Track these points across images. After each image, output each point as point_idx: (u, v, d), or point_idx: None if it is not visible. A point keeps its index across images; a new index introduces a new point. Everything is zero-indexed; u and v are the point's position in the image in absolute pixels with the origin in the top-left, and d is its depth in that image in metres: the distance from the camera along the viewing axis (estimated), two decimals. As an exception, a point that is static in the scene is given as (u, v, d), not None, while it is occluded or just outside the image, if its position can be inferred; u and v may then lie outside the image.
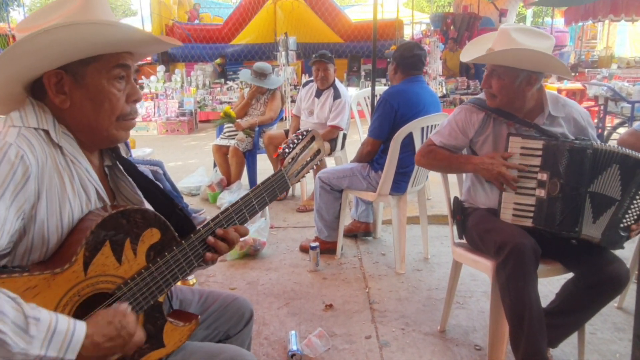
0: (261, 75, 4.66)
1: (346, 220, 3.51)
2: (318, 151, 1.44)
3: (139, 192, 1.26)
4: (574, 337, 2.08)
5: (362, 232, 3.64)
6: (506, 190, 2.00)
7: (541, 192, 1.93)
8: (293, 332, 2.32)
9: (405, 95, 3.06)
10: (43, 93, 1.08)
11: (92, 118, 1.10)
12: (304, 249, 3.40)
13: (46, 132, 1.06)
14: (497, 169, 1.97)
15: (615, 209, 1.86)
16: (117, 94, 1.11)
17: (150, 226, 1.11)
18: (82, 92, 1.08)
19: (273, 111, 4.77)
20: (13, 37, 12.25)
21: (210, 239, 1.20)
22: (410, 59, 3.12)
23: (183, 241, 1.17)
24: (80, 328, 0.92)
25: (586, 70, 10.48)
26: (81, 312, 1.02)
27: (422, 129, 2.95)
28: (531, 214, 1.95)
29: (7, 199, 0.93)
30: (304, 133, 1.42)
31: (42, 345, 0.86)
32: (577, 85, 8.70)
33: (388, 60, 3.36)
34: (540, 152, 1.94)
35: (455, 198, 2.29)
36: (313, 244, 3.13)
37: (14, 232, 0.96)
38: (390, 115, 3.02)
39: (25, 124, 1.03)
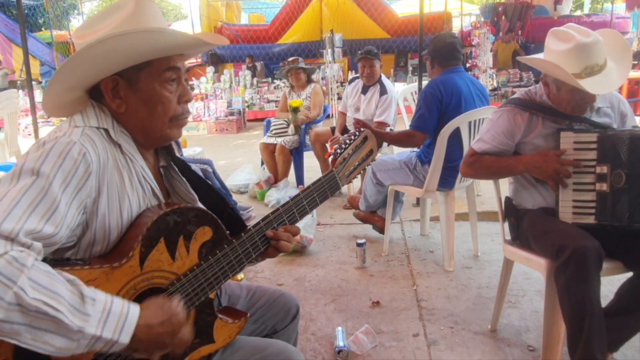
0: (292, 62, 4.82)
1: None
2: (371, 151, 1.43)
3: (193, 192, 1.31)
4: (636, 340, 1.98)
5: (377, 227, 3.48)
6: (559, 191, 1.91)
7: (602, 186, 1.84)
8: (340, 328, 2.33)
9: (445, 85, 2.98)
10: (102, 96, 1.14)
11: (147, 120, 1.16)
12: (353, 204, 3.80)
13: (106, 130, 1.12)
14: (552, 167, 1.88)
15: None
16: (169, 97, 1.16)
17: (203, 224, 1.15)
18: (136, 96, 1.14)
19: (318, 107, 4.81)
20: (73, 44, 12.95)
21: (270, 232, 1.24)
22: (443, 49, 3.05)
23: (234, 240, 1.20)
24: (134, 310, 0.96)
25: (650, 57, 9.85)
26: None
27: (470, 123, 2.88)
28: (593, 210, 1.87)
29: (68, 194, 0.99)
30: (357, 133, 1.41)
31: (98, 325, 0.91)
32: (640, 74, 8.20)
33: (425, 58, 3.31)
34: (595, 145, 1.86)
35: (507, 198, 2.21)
36: (359, 241, 3.12)
37: (75, 226, 1.02)
38: (436, 106, 2.95)
39: (87, 123, 1.10)
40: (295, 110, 4.66)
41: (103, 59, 1.06)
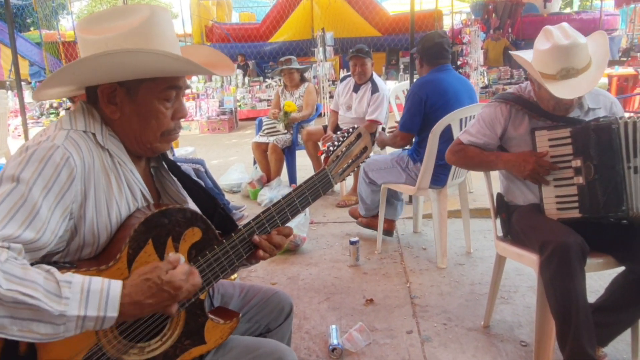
0: (286, 61, 4.79)
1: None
2: (364, 149, 1.41)
3: (183, 192, 1.30)
4: (627, 334, 1.99)
5: (383, 230, 3.40)
6: (542, 188, 1.94)
7: (579, 179, 1.87)
8: (334, 326, 2.33)
9: (433, 84, 3.02)
10: (96, 98, 1.13)
11: (138, 131, 1.14)
12: (353, 215, 3.67)
13: (94, 134, 1.10)
14: (530, 167, 1.93)
15: None
16: (165, 112, 1.15)
17: (192, 225, 1.13)
18: (132, 106, 1.12)
19: (311, 106, 4.80)
20: (62, 43, 12.76)
21: (256, 238, 1.21)
22: (432, 49, 3.08)
23: (224, 240, 1.18)
24: (115, 286, 0.95)
25: (639, 54, 9.95)
26: None
27: (461, 120, 2.90)
28: (576, 204, 1.89)
29: (50, 200, 0.98)
30: (350, 130, 1.39)
31: (80, 306, 0.90)
32: (629, 70, 8.28)
33: (415, 57, 3.36)
34: (569, 140, 1.89)
35: (499, 195, 2.23)
36: (352, 239, 3.13)
37: (62, 231, 1.01)
38: (419, 107, 3.00)
39: (74, 127, 1.08)
40: (287, 114, 4.66)
41: (107, 69, 1.05)
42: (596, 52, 1.92)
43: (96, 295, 0.92)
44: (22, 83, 5.14)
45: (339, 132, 1.40)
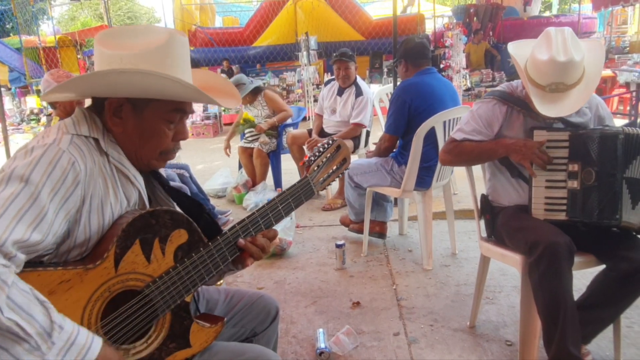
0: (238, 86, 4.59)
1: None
2: (344, 160, 1.46)
3: (171, 199, 1.32)
4: (609, 331, 2.02)
5: (376, 233, 3.45)
6: (532, 188, 1.95)
7: (573, 184, 1.89)
8: (321, 330, 2.33)
9: (418, 87, 3.05)
10: (103, 108, 1.14)
11: (138, 147, 1.17)
12: (345, 223, 3.63)
13: (96, 140, 1.12)
14: (532, 150, 1.91)
15: None
16: (167, 133, 1.18)
17: (179, 227, 1.14)
18: (136, 122, 1.14)
19: (283, 107, 4.75)
20: (43, 49, 12.58)
21: (241, 241, 1.23)
22: (414, 49, 3.14)
23: (210, 243, 1.20)
24: (96, 345, 0.96)
25: (616, 56, 10.16)
26: (111, 307, 1.06)
27: (444, 122, 2.93)
28: (564, 207, 1.91)
29: (56, 203, 0.99)
30: (330, 142, 1.44)
31: (59, 353, 0.90)
32: (607, 72, 8.43)
33: (396, 66, 3.42)
34: (567, 144, 1.91)
35: (483, 196, 2.25)
36: (339, 243, 3.13)
37: (60, 234, 1.02)
38: (404, 110, 3.03)
39: (78, 131, 1.09)
40: (251, 124, 4.62)
41: (118, 85, 1.07)
42: (589, 67, 1.91)
43: (77, 349, 0.93)
44: (2, 89, 5.06)
45: (320, 144, 1.45)
